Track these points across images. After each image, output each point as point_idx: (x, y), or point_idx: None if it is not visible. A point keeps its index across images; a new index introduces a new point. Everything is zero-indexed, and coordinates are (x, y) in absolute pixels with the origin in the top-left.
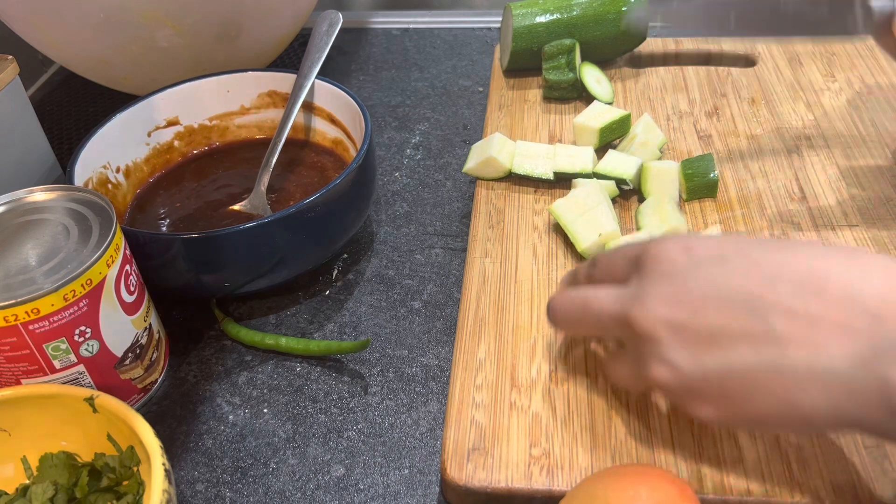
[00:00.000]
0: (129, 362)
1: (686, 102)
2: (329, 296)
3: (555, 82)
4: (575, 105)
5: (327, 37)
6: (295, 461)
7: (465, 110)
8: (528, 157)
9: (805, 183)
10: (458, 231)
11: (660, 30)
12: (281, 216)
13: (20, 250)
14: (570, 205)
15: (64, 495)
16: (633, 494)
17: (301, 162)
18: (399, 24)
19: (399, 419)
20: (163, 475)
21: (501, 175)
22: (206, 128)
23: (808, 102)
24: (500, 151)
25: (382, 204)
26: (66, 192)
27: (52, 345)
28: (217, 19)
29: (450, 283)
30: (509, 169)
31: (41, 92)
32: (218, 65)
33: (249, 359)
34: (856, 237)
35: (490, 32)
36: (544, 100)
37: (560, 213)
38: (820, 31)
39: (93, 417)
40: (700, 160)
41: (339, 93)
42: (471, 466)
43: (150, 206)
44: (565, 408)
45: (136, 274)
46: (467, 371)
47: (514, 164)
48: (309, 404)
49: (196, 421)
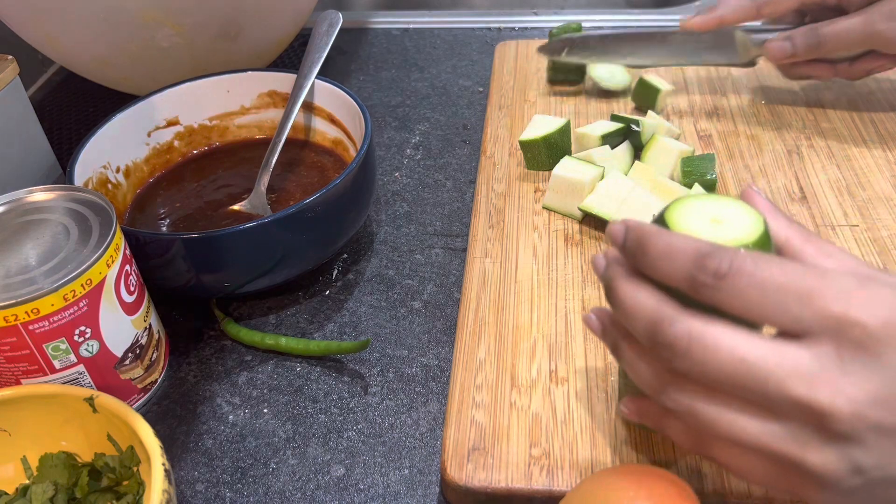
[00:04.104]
0: (129, 362)
1: (686, 102)
2: (329, 296)
3: (561, 63)
4: (575, 105)
5: (327, 37)
6: (295, 461)
7: (465, 110)
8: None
9: (805, 183)
10: (458, 231)
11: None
12: (281, 216)
13: (20, 250)
14: (603, 199)
15: (64, 495)
16: (633, 494)
17: (301, 162)
18: (399, 24)
19: (399, 419)
20: (163, 475)
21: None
22: (206, 128)
23: (808, 102)
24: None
25: (382, 204)
26: (66, 192)
27: (52, 345)
28: (217, 19)
29: (450, 283)
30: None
31: (41, 92)
32: (218, 65)
33: (249, 359)
34: (856, 237)
35: (490, 32)
36: (549, 82)
37: (597, 209)
38: (708, 62)
39: (93, 417)
40: (701, 159)
41: (339, 93)
42: (471, 466)
43: (150, 206)
44: (565, 408)
45: (136, 274)
46: (467, 371)
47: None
48: (309, 404)
49: (196, 421)
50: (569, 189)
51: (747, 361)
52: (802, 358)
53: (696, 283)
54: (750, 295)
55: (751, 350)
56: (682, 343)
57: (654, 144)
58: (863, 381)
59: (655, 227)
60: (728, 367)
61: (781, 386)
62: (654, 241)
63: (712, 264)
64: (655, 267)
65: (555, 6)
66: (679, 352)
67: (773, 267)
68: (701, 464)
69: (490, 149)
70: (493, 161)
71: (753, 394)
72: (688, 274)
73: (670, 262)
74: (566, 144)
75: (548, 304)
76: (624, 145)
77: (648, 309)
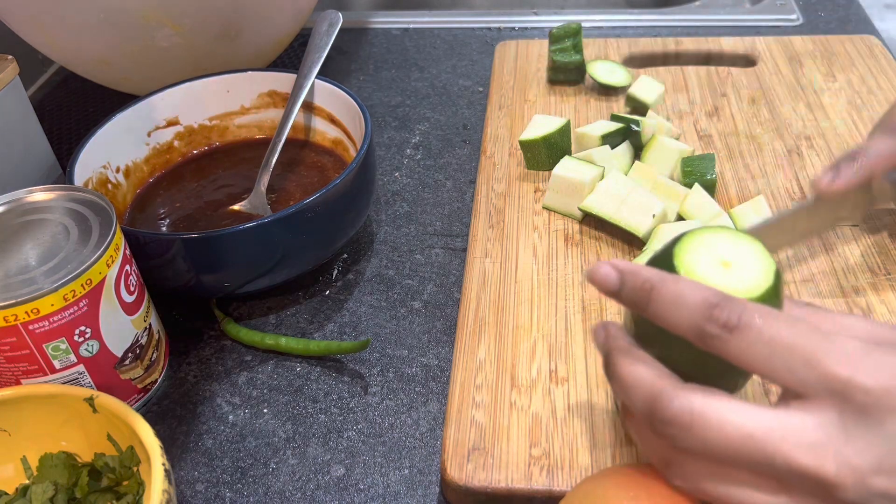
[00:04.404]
0: (128, 362)
1: (686, 102)
2: (329, 296)
3: (561, 64)
4: (575, 105)
5: (327, 37)
6: (295, 461)
7: (465, 110)
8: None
9: (805, 183)
10: (458, 231)
11: None
12: (281, 216)
13: (20, 250)
14: (603, 199)
15: (64, 495)
16: (633, 494)
17: (301, 162)
18: (399, 24)
19: (399, 419)
20: (163, 475)
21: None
22: (206, 128)
23: (808, 102)
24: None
25: (382, 204)
26: (66, 192)
27: (51, 345)
28: (217, 19)
29: (450, 283)
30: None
31: (41, 92)
32: (218, 65)
33: (249, 359)
34: (856, 237)
35: (490, 32)
36: (549, 82)
37: (597, 208)
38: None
39: (93, 417)
40: (701, 159)
41: (339, 93)
42: (471, 466)
43: (150, 206)
44: (565, 408)
45: (136, 274)
46: (467, 371)
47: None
48: (309, 404)
49: (196, 421)
50: (569, 189)
51: (754, 437)
52: (807, 426)
53: (704, 334)
54: (757, 351)
55: (756, 424)
56: (685, 420)
57: (654, 144)
58: (867, 448)
59: (661, 274)
60: (735, 444)
61: (787, 457)
62: (662, 288)
63: (722, 316)
64: (662, 316)
65: (555, 6)
66: (682, 429)
67: (782, 325)
68: None
69: (490, 149)
70: (493, 161)
71: (761, 466)
72: (695, 324)
73: (677, 310)
74: (566, 144)
75: (548, 304)
76: (624, 145)
77: (647, 384)
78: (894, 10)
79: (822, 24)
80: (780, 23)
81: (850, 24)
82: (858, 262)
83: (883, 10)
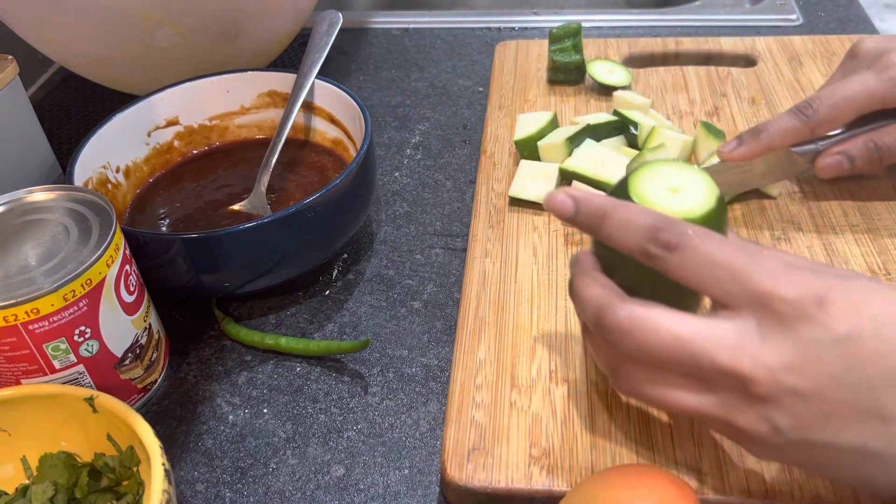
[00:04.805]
0: (128, 362)
1: (686, 102)
2: (329, 296)
3: (561, 64)
4: (575, 105)
5: (327, 37)
6: (295, 461)
7: (465, 110)
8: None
9: (805, 183)
10: (458, 231)
11: None
12: (281, 216)
13: (20, 250)
14: (582, 162)
15: (64, 495)
16: (633, 494)
17: (301, 162)
18: (399, 24)
19: (399, 419)
20: (163, 475)
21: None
22: (206, 128)
23: None
24: None
25: (382, 204)
26: (66, 192)
27: (51, 345)
28: (217, 19)
29: (450, 283)
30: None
31: (41, 92)
32: (218, 65)
33: (249, 359)
34: (856, 237)
35: (490, 32)
36: (549, 82)
37: (576, 168)
38: (751, 187)
39: (93, 417)
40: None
41: (339, 93)
42: (471, 466)
43: (150, 206)
44: (565, 408)
45: (136, 274)
46: (467, 371)
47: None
48: (309, 404)
49: (196, 421)
50: (540, 171)
51: (682, 338)
52: (728, 331)
53: (648, 254)
54: (692, 267)
55: (686, 329)
56: (625, 326)
57: (656, 136)
58: (779, 350)
59: (613, 200)
60: (667, 346)
61: (711, 357)
62: (613, 213)
63: (663, 237)
64: (613, 237)
65: (555, 6)
66: (623, 334)
67: (715, 245)
68: (701, 463)
69: (490, 149)
70: (493, 161)
71: (690, 367)
72: (640, 244)
73: (626, 232)
74: None
75: (548, 304)
76: (617, 138)
77: (596, 298)
78: (894, 10)
79: (822, 24)
80: (780, 23)
81: (850, 24)
82: (858, 262)
83: (883, 10)
